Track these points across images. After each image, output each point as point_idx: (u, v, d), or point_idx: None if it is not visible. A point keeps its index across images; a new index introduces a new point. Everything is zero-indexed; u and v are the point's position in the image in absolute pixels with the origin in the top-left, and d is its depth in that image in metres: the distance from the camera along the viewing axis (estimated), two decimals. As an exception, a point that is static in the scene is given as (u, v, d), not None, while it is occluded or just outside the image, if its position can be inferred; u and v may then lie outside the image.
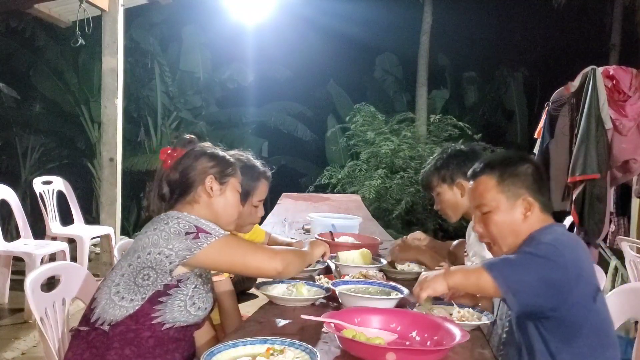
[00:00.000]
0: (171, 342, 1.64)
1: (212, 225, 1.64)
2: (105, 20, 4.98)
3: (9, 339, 3.68)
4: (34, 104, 8.50)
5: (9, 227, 6.56)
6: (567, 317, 1.53)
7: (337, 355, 1.44)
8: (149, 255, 1.57)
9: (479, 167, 1.76)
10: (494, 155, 1.85)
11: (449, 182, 2.36)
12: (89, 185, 8.39)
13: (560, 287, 1.50)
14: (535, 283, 1.49)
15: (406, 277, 2.30)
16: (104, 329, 1.58)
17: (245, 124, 9.69)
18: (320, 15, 9.75)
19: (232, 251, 1.64)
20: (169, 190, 1.74)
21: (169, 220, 1.62)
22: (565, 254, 1.53)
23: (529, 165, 1.72)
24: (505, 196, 1.68)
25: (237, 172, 1.82)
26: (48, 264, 1.99)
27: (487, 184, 1.71)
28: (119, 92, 4.99)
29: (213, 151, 1.80)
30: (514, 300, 1.50)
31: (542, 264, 1.50)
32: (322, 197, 5.00)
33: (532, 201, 1.67)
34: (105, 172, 5.03)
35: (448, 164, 2.38)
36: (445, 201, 2.39)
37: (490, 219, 1.69)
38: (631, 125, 3.62)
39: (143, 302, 1.58)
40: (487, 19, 10.52)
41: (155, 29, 8.92)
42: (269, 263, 1.65)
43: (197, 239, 1.58)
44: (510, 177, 1.69)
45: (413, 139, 8.16)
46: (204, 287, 1.68)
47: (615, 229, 4.70)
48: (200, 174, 1.73)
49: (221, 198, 1.75)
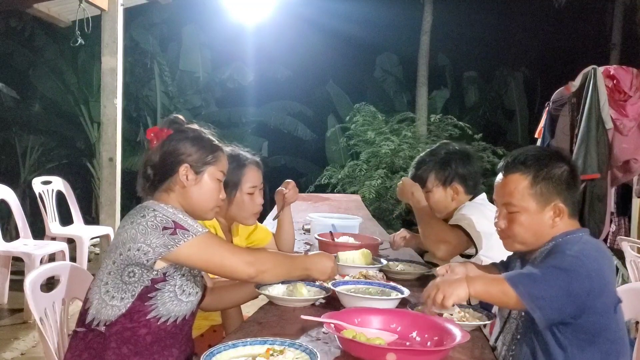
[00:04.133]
0: (168, 338, 1.63)
1: (190, 221, 1.60)
2: (104, 20, 4.98)
3: (9, 339, 3.68)
4: (33, 103, 8.50)
5: (8, 227, 6.56)
6: (587, 325, 1.53)
7: (337, 355, 1.44)
8: (129, 251, 1.55)
9: (511, 162, 1.68)
10: (528, 151, 1.72)
11: (444, 185, 2.37)
12: (89, 185, 8.39)
13: (584, 298, 1.49)
14: (560, 297, 1.47)
15: (406, 277, 2.29)
16: (100, 329, 1.58)
17: (245, 123, 9.69)
18: (320, 15, 9.75)
19: (210, 251, 1.60)
20: (152, 172, 1.70)
21: (145, 212, 1.58)
22: (590, 265, 1.51)
23: (565, 167, 1.65)
24: (536, 200, 1.62)
25: (220, 159, 1.75)
26: (47, 264, 1.99)
27: (519, 184, 1.64)
28: (119, 92, 4.99)
29: (197, 135, 1.73)
30: (540, 315, 1.47)
31: (567, 278, 1.47)
32: (322, 197, 4.99)
33: (563, 207, 1.62)
34: (105, 172, 5.02)
35: (449, 165, 2.37)
36: (435, 201, 2.40)
37: (516, 219, 1.65)
38: (632, 125, 3.62)
39: (134, 299, 1.57)
40: (487, 19, 10.52)
41: (155, 28, 8.93)
42: (243, 268, 1.61)
43: (174, 235, 1.55)
44: (544, 180, 1.62)
45: (413, 139, 8.16)
46: (191, 273, 1.66)
47: (616, 229, 4.70)
48: (177, 162, 1.68)
49: (196, 188, 1.69)
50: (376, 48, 10.56)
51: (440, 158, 2.40)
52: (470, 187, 2.39)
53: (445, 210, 2.41)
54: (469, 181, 2.39)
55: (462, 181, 2.38)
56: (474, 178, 2.41)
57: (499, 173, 1.72)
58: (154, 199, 1.69)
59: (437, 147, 2.50)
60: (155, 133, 1.71)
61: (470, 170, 2.40)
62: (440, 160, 2.40)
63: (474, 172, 2.42)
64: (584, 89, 3.70)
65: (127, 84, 7.29)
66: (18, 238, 4.45)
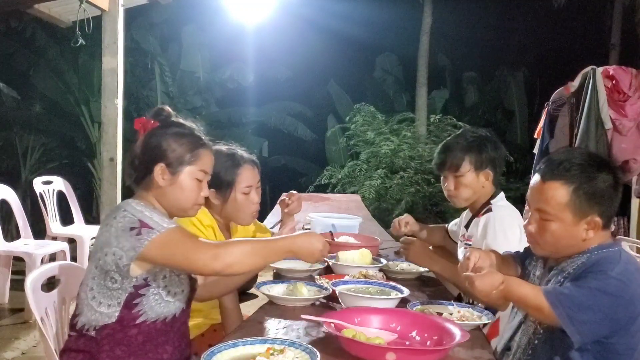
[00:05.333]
0: (160, 336, 1.63)
1: (156, 218, 1.55)
2: (105, 21, 4.98)
3: (9, 339, 3.68)
4: (34, 103, 8.50)
5: (9, 227, 6.55)
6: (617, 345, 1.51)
7: (337, 355, 1.44)
8: (107, 256, 1.53)
9: (556, 168, 1.58)
10: (574, 158, 1.59)
11: (479, 168, 2.28)
12: (89, 185, 8.39)
13: (624, 322, 1.48)
14: (602, 322, 1.45)
15: (406, 277, 2.30)
16: (91, 334, 1.58)
17: (245, 123, 9.69)
18: (320, 15, 9.74)
19: (173, 248, 1.52)
20: (136, 164, 1.68)
21: (117, 214, 1.56)
22: (634, 290, 1.48)
23: (610, 180, 1.57)
24: (573, 212, 1.55)
25: (200, 158, 1.68)
26: (48, 264, 1.99)
27: (558, 192, 1.55)
28: (119, 92, 4.99)
29: (178, 132, 1.68)
30: (579, 339, 1.45)
31: (612, 304, 1.45)
32: (322, 197, 4.99)
33: (599, 221, 1.56)
34: (106, 172, 5.02)
35: (484, 149, 2.28)
36: (466, 185, 2.29)
37: (547, 227, 1.58)
38: (631, 125, 3.63)
39: (120, 307, 1.56)
40: (487, 19, 10.51)
41: (155, 29, 8.93)
42: (207, 263, 1.49)
43: (139, 235, 1.50)
44: (586, 194, 1.54)
45: (413, 139, 8.16)
46: (174, 272, 1.64)
47: (615, 229, 4.70)
48: (154, 160, 1.64)
49: (171, 188, 1.65)
50: (376, 48, 10.56)
51: (473, 141, 2.30)
52: (497, 175, 2.33)
53: (473, 196, 2.32)
54: (498, 167, 2.32)
55: (493, 167, 2.30)
56: (501, 164, 2.35)
57: (537, 175, 1.63)
58: (135, 195, 1.68)
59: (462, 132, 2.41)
60: (142, 123, 1.69)
61: (500, 155, 2.34)
62: (475, 143, 2.29)
63: (502, 157, 2.36)
64: (583, 89, 3.71)
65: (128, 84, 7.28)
66: (19, 238, 4.46)
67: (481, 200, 2.32)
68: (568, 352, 1.52)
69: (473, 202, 2.34)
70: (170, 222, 1.57)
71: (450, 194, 2.34)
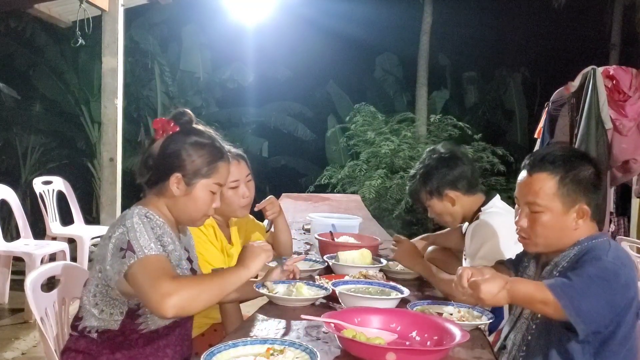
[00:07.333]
0: (160, 339, 1.64)
1: (142, 241, 1.49)
2: (105, 20, 4.99)
3: (9, 339, 3.68)
4: (34, 104, 8.50)
5: (9, 227, 6.56)
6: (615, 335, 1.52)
7: (337, 355, 1.44)
8: (106, 271, 1.54)
9: (539, 161, 1.64)
10: (555, 151, 1.68)
11: (437, 196, 2.30)
12: (89, 185, 8.40)
13: (621, 309, 1.50)
14: (603, 309, 1.47)
15: (406, 277, 2.30)
16: (92, 336, 1.60)
17: (245, 124, 9.69)
18: (320, 15, 9.74)
19: (138, 278, 1.44)
20: (150, 166, 1.65)
21: (118, 228, 1.53)
22: (628, 274, 1.51)
23: (591, 169, 1.63)
24: (562, 201, 1.60)
25: (218, 171, 1.66)
26: (48, 264, 1.99)
27: (545, 184, 1.61)
28: (119, 92, 5.00)
29: (197, 142, 1.65)
30: (584, 328, 1.46)
31: (609, 289, 1.47)
32: (322, 197, 4.99)
33: (587, 209, 1.60)
34: (106, 172, 5.03)
35: (432, 177, 2.29)
36: (439, 212, 2.34)
37: (538, 219, 1.62)
38: (631, 125, 3.63)
39: (122, 317, 1.58)
40: (487, 19, 10.51)
41: (155, 29, 8.93)
42: (159, 305, 1.38)
43: (123, 259, 1.47)
44: (572, 182, 1.59)
45: (413, 139, 8.16)
46: None
47: (615, 229, 4.70)
48: (171, 169, 1.61)
49: (185, 199, 1.63)
50: (376, 48, 10.56)
51: (422, 172, 2.32)
52: (465, 188, 2.29)
53: (454, 218, 2.34)
54: (460, 183, 2.28)
55: (453, 186, 2.28)
56: (465, 178, 2.29)
57: (523, 171, 1.67)
58: (146, 198, 1.67)
59: (424, 156, 2.40)
60: (162, 124, 1.66)
61: (459, 172, 2.28)
62: (423, 173, 2.31)
63: (463, 172, 2.29)
64: (583, 89, 3.70)
65: (128, 84, 7.29)
66: (19, 238, 4.46)
67: (468, 214, 2.33)
68: (565, 345, 1.53)
69: (463, 217, 2.35)
70: (150, 248, 1.49)
71: (436, 220, 2.43)
